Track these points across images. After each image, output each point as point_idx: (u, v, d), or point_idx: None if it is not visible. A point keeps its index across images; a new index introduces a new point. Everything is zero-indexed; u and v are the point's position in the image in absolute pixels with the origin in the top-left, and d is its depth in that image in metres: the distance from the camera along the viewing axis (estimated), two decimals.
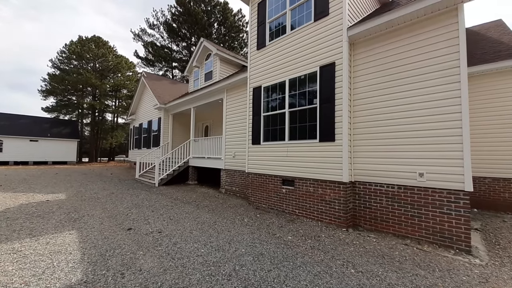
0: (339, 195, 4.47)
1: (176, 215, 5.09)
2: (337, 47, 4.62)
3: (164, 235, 3.93)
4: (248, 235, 3.97)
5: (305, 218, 4.99)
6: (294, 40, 5.46)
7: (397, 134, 4.06)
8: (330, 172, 4.60)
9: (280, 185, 5.61)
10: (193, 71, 11.55)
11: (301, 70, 5.22)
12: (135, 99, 15.20)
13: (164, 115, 11.96)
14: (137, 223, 4.50)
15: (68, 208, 5.50)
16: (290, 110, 5.40)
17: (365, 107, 4.47)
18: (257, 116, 6.27)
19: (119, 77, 33.28)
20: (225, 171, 7.89)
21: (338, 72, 4.57)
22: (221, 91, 8.27)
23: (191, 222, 4.62)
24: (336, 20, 4.68)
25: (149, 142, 13.30)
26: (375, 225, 4.28)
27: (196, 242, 3.65)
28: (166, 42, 29.14)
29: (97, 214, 5.09)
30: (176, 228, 4.28)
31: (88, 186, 8.71)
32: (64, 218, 4.72)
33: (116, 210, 5.41)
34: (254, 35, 6.59)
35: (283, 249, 3.43)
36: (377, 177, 4.27)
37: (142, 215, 5.08)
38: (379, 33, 4.37)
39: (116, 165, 22.47)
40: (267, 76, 6.06)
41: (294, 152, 5.30)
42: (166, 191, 7.88)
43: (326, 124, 4.68)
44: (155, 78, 14.88)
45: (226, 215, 5.18)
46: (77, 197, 6.79)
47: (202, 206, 5.94)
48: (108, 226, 4.32)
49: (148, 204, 6.08)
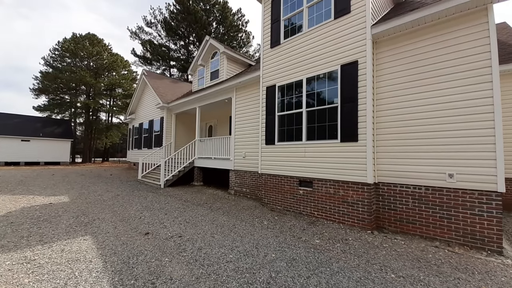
0: (362, 197, 4.37)
1: (191, 218, 4.88)
2: (360, 45, 4.53)
3: (185, 239, 3.73)
4: (273, 239, 3.81)
5: (325, 220, 4.87)
6: (312, 38, 5.34)
7: (424, 135, 3.99)
8: (352, 173, 4.50)
9: (296, 186, 5.47)
10: (197, 70, 11.31)
11: (320, 68, 5.11)
12: (134, 98, 14.82)
13: (167, 115, 11.66)
14: (153, 227, 4.28)
15: (75, 212, 5.21)
16: (308, 110, 5.27)
17: (389, 106, 4.39)
18: (271, 116, 6.12)
19: (114, 76, 32.54)
20: (234, 172, 7.70)
21: (361, 71, 4.47)
22: (230, 90, 8.08)
23: (210, 226, 4.43)
24: (359, 18, 4.58)
25: (150, 142, 12.97)
26: (400, 227, 4.19)
27: (221, 247, 3.47)
28: (164, 41, 28.66)
29: (108, 217, 4.84)
30: (195, 232, 4.09)
31: (90, 188, 8.37)
32: (74, 223, 4.45)
33: (127, 213, 5.16)
34: (267, 33, 6.44)
35: (314, 254, 3.29)
36: (403, 178, 4.18)
37: (155, 218, 4.85)
38: (403, 31, 4.29)
39: (112, 166, 21.90)
40: (282, 75, 5.92)
41: (312, 152, 5.17)
42: (173, 193, 7.64)
43: (348, 124, 4.58)
44: (155, 77, 14.54)
45: (243, 218, 5.01)
46: (81, 200, 6.48)
47: (215, 208, 5.74)
48: (123, 230, 4.08)
49: (159, 206, 5.85)
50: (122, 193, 7.53)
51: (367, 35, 4.44)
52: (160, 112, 12.12)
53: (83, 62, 31.32)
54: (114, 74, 32.91)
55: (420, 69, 4.10)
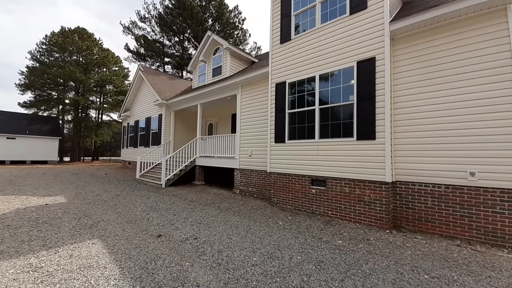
0: (380, 196, 4.30)
1: (202, 219, 4.67)
2: (377, 42, 4.45)
3: (202, 241, 3.53)
4: (293, 240, 3.67)
5: (340, 219, 4.78)
6: (326, 34, 5.23)
7: (443, 133, 3.95)
8: (369, 171, 4.42)
9: (308, 185, 5.36)
10: (198, 66, 11.00)
11: (335, 65, 5.00)
12: (130, 94, 14.30)
13: (165, 112, 11.30)
14: (164, 229, 4.05)
15: (75, 213, 4.89)
16: (321, 107, 5.16)
17: (406, 104, 4.33)
18: (281, 113, 5.97)
19: (105, 72, 31.42)
20: (239, 171, 7.51)
21: (379, 68, 4.39)
22: (235, 87, 7.87)
23: (223, 226, 4.24)
24: (376, 14, 4.51)
25: (148, 140, 12.55)
26: (418, 226, 4.15)
27: (242, 249, 3.30)
28: (158, 37, 27.90)
29: (113, 219, 4.55)
30: (210, 233, 3.89)
31: (86, 188, 7.96)
32: (77, 225, 4.15)
33: (133, 214, 4.89)
34: (277, 28, 6.28)
35: (340, 255, 3.17)
36: (421, 177, 4.14)
37: (164, 219, 4.61)
38: (421, 29, 4.24)
39: (104, 165, 21.14)
40: (293, 71, 5.78)
41: (325, 151, 5.07)
42: (176, 192, 7.37)
43: (365, 121, 4.49)
44: (152, 73, 14.07)
45: (255, 218, 4.85)
46: (79, 200, 6.11)
47: (224, 209, 5.55)
48: (133, 232, 3.83)
49: (165, 207, 5.59)
50: (122, 193, 7.19)
51: (385, 31, 4.36)
52: (158, 109, 11.74)
53: (72, 57, 30.04)
54: (105, 70, 31.78)
55: (438, 67, 4.06)
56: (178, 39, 28.97)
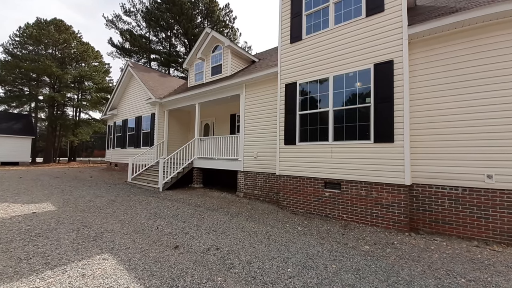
0: (399, 199, 4.31)
1: (215, 226, 4.40)
2: (395, 45, 4.46)
3: (226, 252, 3.28)
4: (319, 247, 3.54)
5: (356, 223, 4.74)
6: (340, 35, 5.18)
7: (461, 136, 4.04)
8: (387, 174, 4.42)
9: (321, 188, 5.27)
10: (194, 64, 10.58)
11: (350, 67, 4.96)
12: (117, 91, 13.43)
13: (159, 111, 10.73)
14: (179, 238, 3.73)
15: (71, 223, 4.39)
16: (335, 109, 5.10)
17: (423, 107, 4.39)
18: (291, 115, 5.84)
19: (84, 67, 29.42)
20: (243, 174, 7.28)
21: (397, 71, 4.40)
22: (239, 86, 7.62)
23: (242, 234, 4.01)
24: (394, 17, 4.52)
25: (138, 140, 11.85)
26: (436, 228, 4.21)
27: (271, 259, 3.11)
28: (143, 32, 26.70)
29: (117, 229, 4.14)
30: (230, 242, 3.65)
31: (73, 193, 7.28)
32: (78, 237, 3.70)
33: (138, 223, 4.49)
34: (287, 27, 6.15)
35: (373, 262, 3.09)
36: (438, 179, 4.21)
37: (175, 227, 4.27)
38: (439, 34, 4.32)
39: (84, 166, 19.76)
40: (305, 72, 5.67)
41: (340, 153, 5.01)
42: (177, 197, 6.96)
43: (383, 124, 4.49)
44: (142, 69, 13.33)
45: (270, 223, 4.66)
46: (70, 207, 5.54)
47: (234, 214, 5.30)
48: (145, 244, 3.48)
49: (170, 213, 5.22)
50: (117, 198, 6.66)
51: (404, 35, 4.38)
52: (151, 108, 11.13)
53: (47, 51, 27.79)
54: (84, 65, 29.78)
55: (456, 72, 4.15)
56: (165, 35, 27.92)
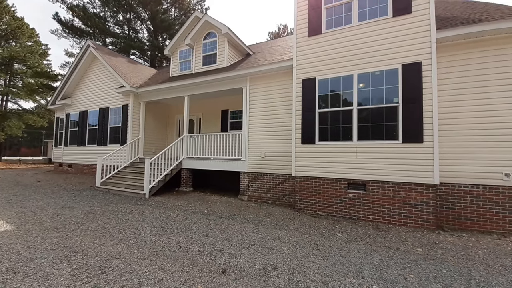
0: (427, 198, 4.40)
1: (247, 238, 3.74)
2: (424, 47, 4.53)
3: (287, 271, 2.72)
4: (376, 254, 3.28)
5: (383, 224, 4.68)
6: (365, 32, 5.06)
7: (481, 138, 4.33)
8: (416, 174, 4.47)
9: (344, 189, 5.09)
10: (179, 51, 9.32)
11: (376, 65, 4.89)
12: (72, 77, 10.97)
13: (134, 103, 9.10)
14: (217, 259, 2.98)
15: (50, 248, 3.12)
16: (360, 108, 4.97)
17: (445, 110, 4.59)
18: (309, 113, 5.51)
19: (15, 47, 23.66)
20: (248, 175, 6.64)
21: (426, 73, 4.48)
22: (242, 79, 6.92)
23: (285, 246, 3.47)
24: (422, 20, 4.59)
25: (103, 137, 9.89)
26: (458, 224, 4.44)
27: (344, 275, 2.69)
28: (97, 11, 22.86)
29: (125, 252, 3.11)
30: (282, 257, 3.09)
31: (26, 204, 5.48)
32: (76, 270, 2.59)
33: (148, 241, 3.49)
34: (303, 19, 5.78)
35: (438, 265, 2.98)
36: (461, 178, 4.44)
37: (200, 244, 3.45)
38: (461, 41, 4.58)
39: (16, 168, 15.75)
40: (325, 68, 5.41)
41: (365, 153, 4.90)
42: (172, 204, 5.90)
43: (412, 124, 4.52)
44: (108, 53, 11.16)
45: (303, 230, 4.24)
46: (33, 225, 4.07)
47: (254, 221, 4.68)
48: (181, 272, 2.64)
49: (181, 225, 4.29)
50: (93, 209, 5.25)
51: (432, 38, 4.49)
52: (122, 99, 9.38)
53: None
54: (15, 45, 23.97)
55: (478, 77, 4.47)
56: (123, 17, 24.54)
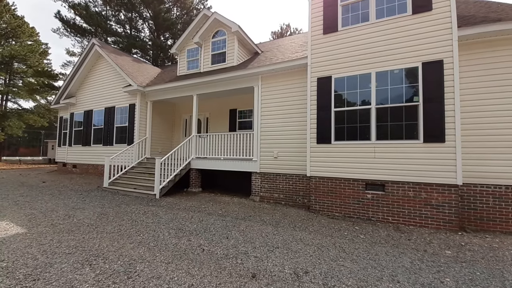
0: (449, 198, 4.31)
1: (270, 240, 3.65)
2: (445, 45, 4.45)
3: (319, 276, 2.63)
4: (405, 257, 3.19)
5: (403, 225, 4.60)
6: (383, 30, 4.98)
7: (504, 137, 4.26)
8: (438, 174, 4.39)
9: (362, 190, 5.01)
10: (186, 49, 9.21)
11: (395, 63, 4.80)
12: (77, 76, 10.83)
13: (140, 102, 8.99)
14: (244, 263, 2.88)
15: (68, 252, 3.02)
16: (378, 107, 4.89)
17: (467, 109, 4.51)
18: (325, 112, 5.42)
19: (15, 46, 23.43)
20: (260, 175, 6.55)
21: (447, 71, 4.40)
22: (253, 78, 6.82)
23: (310, 249, 3.38)
24: (443, 18, 4.51)
25: (109, 137, 9.77)
26: (480, 225, 4.36)
27: (379, 279, 2.60)
28: (99, 10, 22.67)
29: (147, 255, 3.01)
30: (310, 261, 3.00)
31: (35, 205, 5.37)
32: (101, 276, 2.48)
33: (168, 244, 3.38)
34: (318, 16, 5.68)
35: (471, 268, 2.91)
36: (482, 178, 4.37)
37: (222, 246, 3.36)
38: (482, 39, 4.50)
39: (18, 168, 15.58)
40: (341, 66, 5.32)
41: (384, 153, 4.82)
42: (185, 205, 5.79)
43: (433, 124, 4.44)
44: (112, 51, 11.03)
45: (325, 232, 4.15)
46: (45, 227, 3.96)
47: (272, 223, 4.59)
48: (210, 276, 2.54)
49: (198, 227, 4.19)
50: (105, 210, 5.14)
51: (454, 36, 4.40)
52: (129, 98, 9.26)
53: None
54: (15, 44, 23.73)
55: (496, 76, 4.39)
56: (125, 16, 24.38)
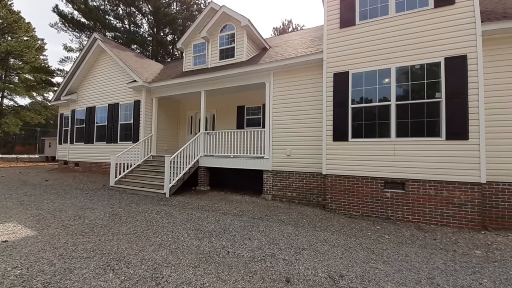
0: (472, 197, 4.24)
1: (294, 242, 3.53)
2: (468, 40, 4.34)
3: (356, 280, 2.52)
4: (437, 258, 3.11)
5: (423, 224, 4.52)
6: (403, 24, 4.84)
7: None
8: (460, 172, 4.30)
9: (381, 188, 4.91)
10: (192, 44, 8.98)
11: (416, 58, 4.68)
12: (78, 71, 10.54)
13: (146, 98, 8.77)
14: (274, 266, 2.76)
15: (87, 256, 2.86)
16: (399, 103, 4.77)
17: (489, 105, 4.40)
18: (341, 108, 5.30)
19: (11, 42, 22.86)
20: (272, 173, 6.42)
21: (471, 66, 4.29)
22: (264, 74, 6.65)
23: (338, 250, 3.27)
24: (465, 12, 4.40)
25: (113, 134, 9.54)
26: (502, 224, 4.30)
27: (418, 283, 2.50)
28: (97, 4, 22.15)
29: (171, 259, 2.86)
30: (341, 263, 2.89)
31: (41, 205, 5.18)
32: (126, 282, 2.34)
33: (190, 246, 3.24)
34: (334, 10, 5.53)
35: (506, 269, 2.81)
36: (504, 176, 4.30)
37: (247, 248, 3.23)
38: (504, 34, 4.39)
39: (16, 166, 15.26)
40: (359, 61, 5.18)
41: (404, 151, 4.72)
42: (197, 204, 5.65)
43: (456, 121, 4.34)
44: (115, 46, 10.73)
45: (347, 232, 4.04)
46: (56, 228, 3.79)
47: (291, 223, 4.48)
48: (242, 281, 2.41)
49: (216, 227, 4.05)
50: (115, 210, 4.98)
51: (477, 30, 4.29)
52: (134, 94, 9.03)
53: None
54: (11, 39, 23.16)
55: None
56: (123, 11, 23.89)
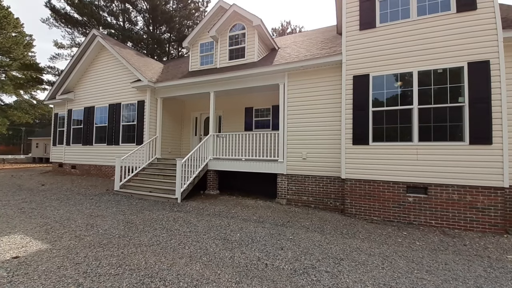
0: (495, 201, 4.26)
1: (329, 251, 3.42)
2: (491, 45, 4.38)
3: None
4: (477, 267, 3.06)
5: (447, 229, 4.51)
6: (425, 28, 4.84)
7: None
8: (483, 177, 4.32)
9: (403, 193, 4.88)
10: (199, 43, 8.74)
11: (438, 62, 4.68)
12: (76, 69, 10.03)
13: (150, 99, 8.44)
14: (321, 280, 2.63)
15: (115, 273, 2.63)
16: (421, 107, 4.76)
17: (510, 111, 4.46)
18: (361, 111, 5.24)
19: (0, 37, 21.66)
20: (286, 177, 6.29)
21: (494, 72, 4.33)
22: (279, 75, 6.52)
23: (376, 260, 3.18)
24: (488, 18, 4.44)
25: (114, 135, 9.13)
26: None
27: None
28: None
29: (208, 274, 2.67)
30: (388, 276, 2.78)
31: (45, 213, 4.82)
32: None
33: (223, 258, 3.06)
34: (354, 11, 5.47)
35: None
36: None
37: (283, 260, 3.08)
38: None
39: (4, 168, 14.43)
40: (380, 64, 5.14)
41: (427, 155, 4.70)
42: (212, 210, 5.43)
43: (479, 125, 4.36)
44: (115, 43, 10.30)
45: (376, 239, 3.96)
46: (70, 240, 3.51)
47: (316, 229, 4.36)
48: None
49: (241, 236, 3.87)
50: (127, 217, 4.70)
51: (499, 36, 4.34)
52: (137, 94, 8.68)
53: None
54: None
55: None
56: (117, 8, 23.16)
